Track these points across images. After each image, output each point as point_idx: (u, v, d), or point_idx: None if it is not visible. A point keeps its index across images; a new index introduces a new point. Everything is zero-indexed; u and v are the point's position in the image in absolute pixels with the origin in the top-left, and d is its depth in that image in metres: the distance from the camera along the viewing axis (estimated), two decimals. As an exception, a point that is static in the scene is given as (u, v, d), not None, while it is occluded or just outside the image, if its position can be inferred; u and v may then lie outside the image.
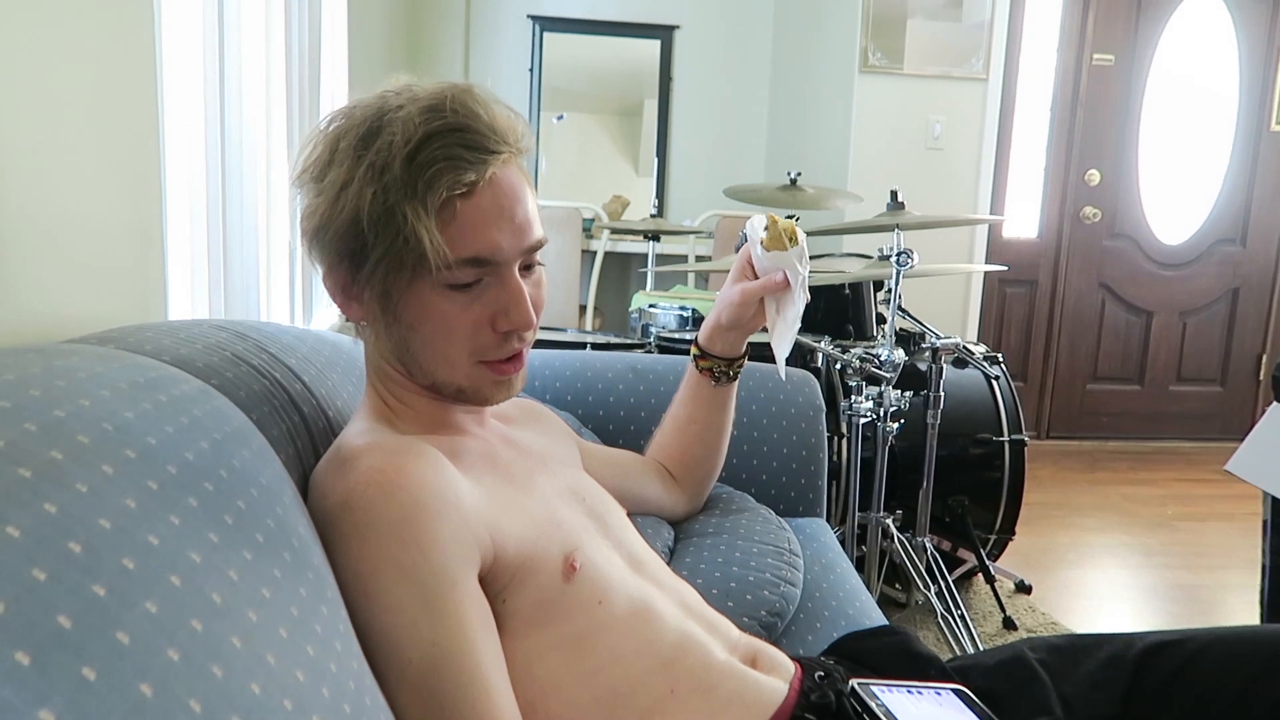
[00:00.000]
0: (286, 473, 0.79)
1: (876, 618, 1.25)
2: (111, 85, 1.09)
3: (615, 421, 1.50)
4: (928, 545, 2.16)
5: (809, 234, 2.79)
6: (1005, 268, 2.82)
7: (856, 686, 0.89)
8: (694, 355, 1.23)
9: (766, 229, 1.11)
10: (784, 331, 1.11)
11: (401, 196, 0.81)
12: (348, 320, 0.91)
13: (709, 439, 1.27)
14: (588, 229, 3.89)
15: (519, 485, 0.92)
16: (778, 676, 0.93)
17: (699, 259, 3.92)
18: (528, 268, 0.90)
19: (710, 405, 1.24)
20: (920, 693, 0.91)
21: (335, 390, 1.05)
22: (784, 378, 1.24)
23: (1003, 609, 2.29)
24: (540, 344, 2.13)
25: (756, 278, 1.14)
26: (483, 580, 0.81)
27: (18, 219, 0.91)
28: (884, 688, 0.89)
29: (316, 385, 1.01)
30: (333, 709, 0.57)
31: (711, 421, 1.26)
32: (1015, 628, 2.26)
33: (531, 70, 4.33)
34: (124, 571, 0.48)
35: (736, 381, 1.25)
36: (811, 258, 2.52)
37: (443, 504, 0.79)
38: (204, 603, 0.51)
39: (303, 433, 0.92)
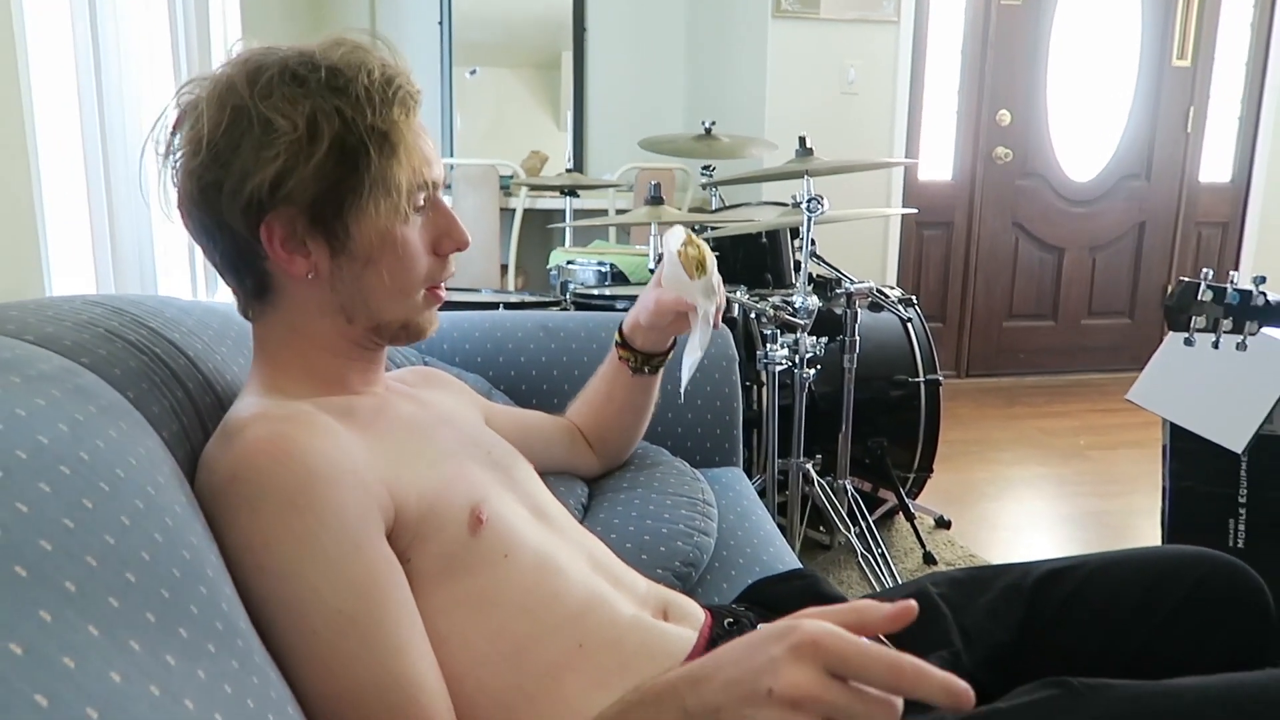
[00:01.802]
0: (166, 451, 0.76)
1: (790, 561, 1.27)
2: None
3: (527, 381, 1.49)
4: (849, 487, 2.20)
5: (723, 184, 2.79)
6: (915, 210, 2.85)
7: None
8: (616, 341, 1.22)
9: (684, 245, 1.10)
10: (690, 356, 1.11)
11: (376, 117, 0.82)
12: (289, 278, 0.86)
13: (626, 419, 1.27)
14: (506, 186, 3.83)
15: (420, 439, 0.91)
16: (687, 626, 0.93)
17: (619, 213, 3.89)
18: None
19: (630, 389, 1.23)
20: (825, 633, 0.92)
21: (225, 364, 1.01)
22: (681, 399, 1.30)
23: (923, 545, 2.36)
24: (453, 305, 2.09)
25: None
26: (388, 540, 0.80)
27: None
28: (790, 630, 0.91)
29: (203, 359, 0.97)
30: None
31: (630, 403, 1.25)
32: (935, 562, 2.33)
33: (441, 23, 4.21)
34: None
35: (659, 374, 1.24)
36: (729, 207, 2.52)
37: (336, 469, 0.77)
38: (55, 592, 0.49)
39: (188, 409, 0.89)
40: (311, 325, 0.90)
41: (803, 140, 2.04)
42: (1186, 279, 1.36)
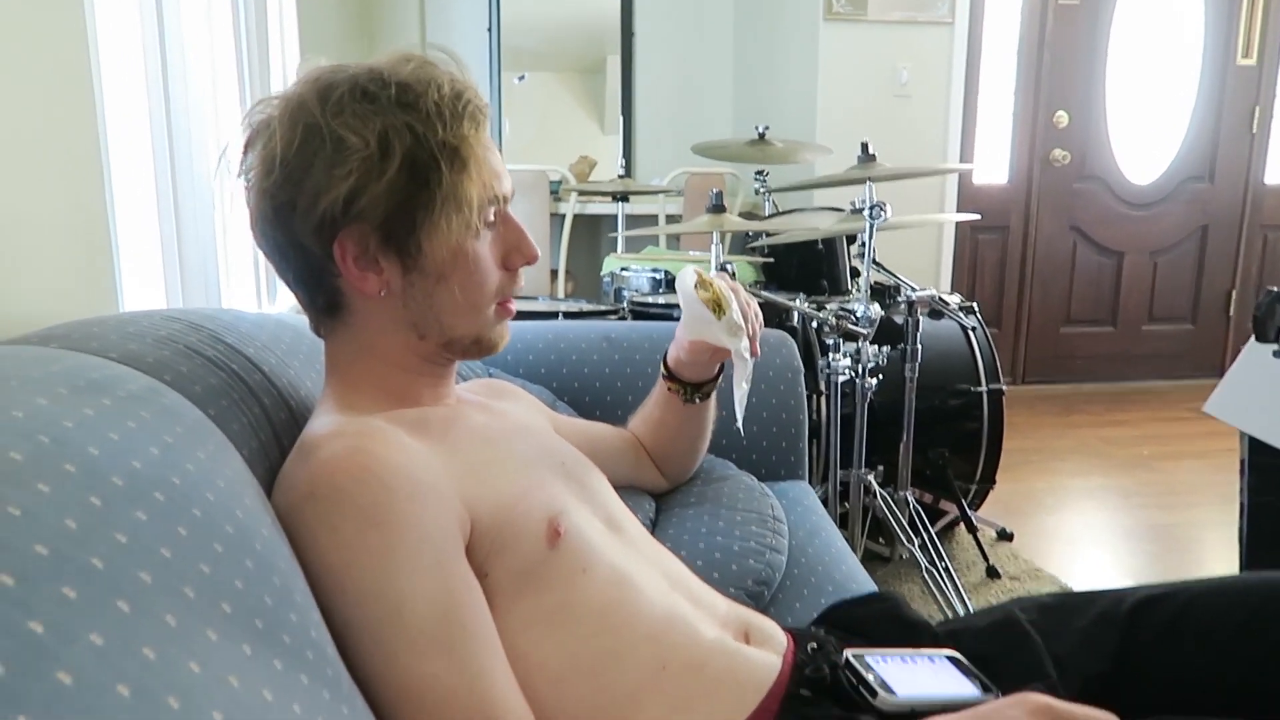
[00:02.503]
0: (248, 470, 0.75)
1: (863, 580, 1.24)
2: (45, 68, 1.03)
3: (591, 393, 1.47)
4: (910, 499, 2.15)
5: (781, 190, 2.75)
6: (978, 217, 2.79)
7: (851, 658, 0.87)
8: (662, 374, 1.18)
9: (697, 286, 1.07)
10: (738, 390, 1.07)
11: (447, 132, 0.82)
12: (361, 295, 0.86)
13: (683, 444, 1.25)
14: (555, 191, 3.82)
15: (495, 448, 0.90)
16: (770, 650, 0.91)
17: (669, 218, 3.87)
18: None
19: (683, 416, 1.20)
20: (914, 660, 0.89)
21: (298, 379, 1.01)
22: (742, 434, 1.26)
23: (986, 558, 2.30)
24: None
25: None
26: (466, 555, 0.78)
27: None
28: (878, 657, 0.88)
29: (278, 375, 0.97)
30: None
31: (685, 430, 1.23)
32: (998, 576, 2.27)
33: (490, 30, 4.22)
34: (64, 603, 0.44)
35: (712, 398, 1.20)
36: (783, 212, 2.47)
37: (414, 484, 0.76)
38: (157, 626, 0.48)
39: (264, 425, 0.88)
40: (383, 341, 0.89)
41: (864, 146, 2.00)
42: (1277, 289, 1.30)
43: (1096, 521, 2.78)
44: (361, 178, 0.80)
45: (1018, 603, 1.02)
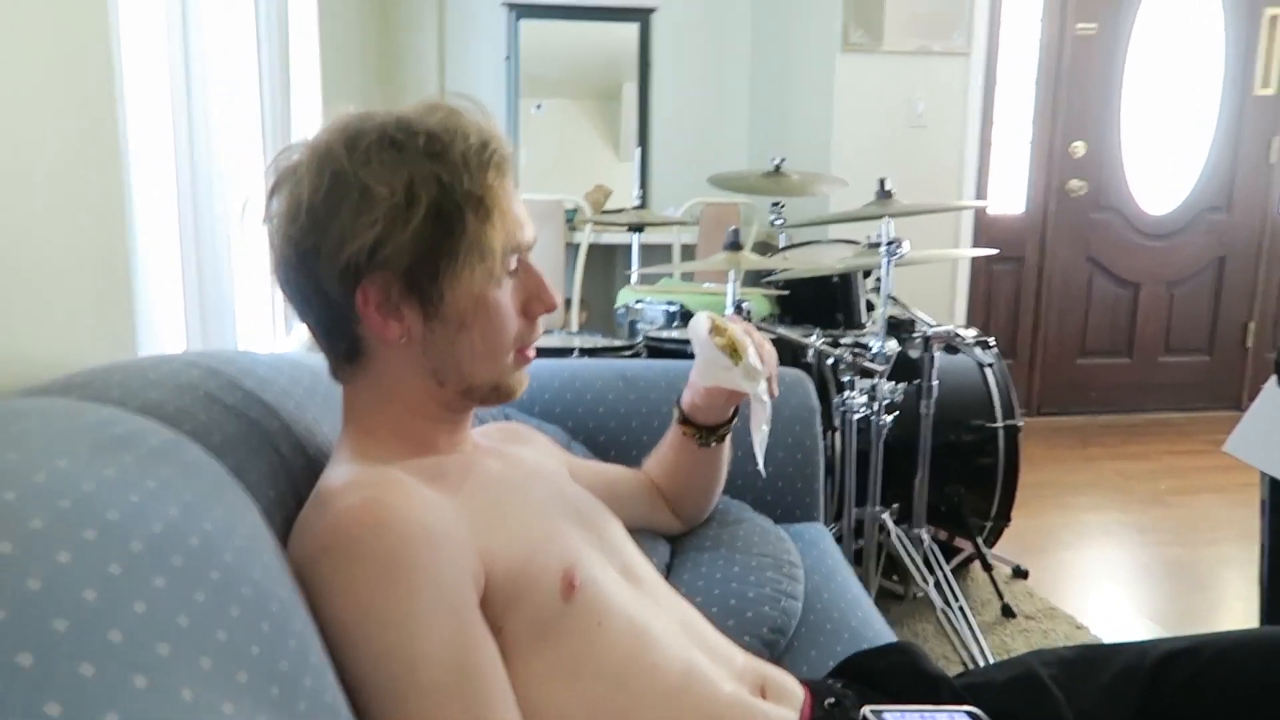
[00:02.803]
0: (265, 524, 0.75)
1: (880, 628, 1.23)
2: (71, 111, 1.04)
3: (606, 433, 1.47)
4: (925, 537, 2.14)
5: (796, 226, 2.76)
6: (995, 251, 2.79)
7: (869, 715, 0.86)
8: (677, 419, 1.18)
9: (712, 331, 1.07)
10: (756, 434, 1.08)
11: (473, 182, 0.82)
12: (382, 342, 0.86)
13: (698, 486, 1.24)
14: (570, 221, 3.84)
15: (510, 498, 0.89)
16: (787, 706, 0.90)
17: (685, 248, 3.88)
18: None
19: (699, 460, 1.20)
20: (933, 716, 0.88)
21: (316, 423, 1.01)
22: (763, 476, 1.24)
23: (1001, 596, 2.28)
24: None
25: None
26: (481, 607, 0.78)
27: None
28: (897, 714, 0.87)
29: (295, 420, 0.97)
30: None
31: (700, 473, 1.23)
32: (1014, 615, 2.25)
33: (508, 59, 4.26)
34: (81, 682, 0.44)
35: (727, 440, 1.20)
36: (797, 245, 2.46)
37: (430, 534, 0.76)
38: (173, 702, 0.48)
39: (281, 473, 0.88)
40: (402, 388, 0.89)
41: (882, 183, 2.00)
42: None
43: (1113, 558, 2.75)
44: (387, 226, 0.80)
45: (1038, 655, 1.01)
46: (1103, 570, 2.65)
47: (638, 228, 3.02)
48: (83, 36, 1.07)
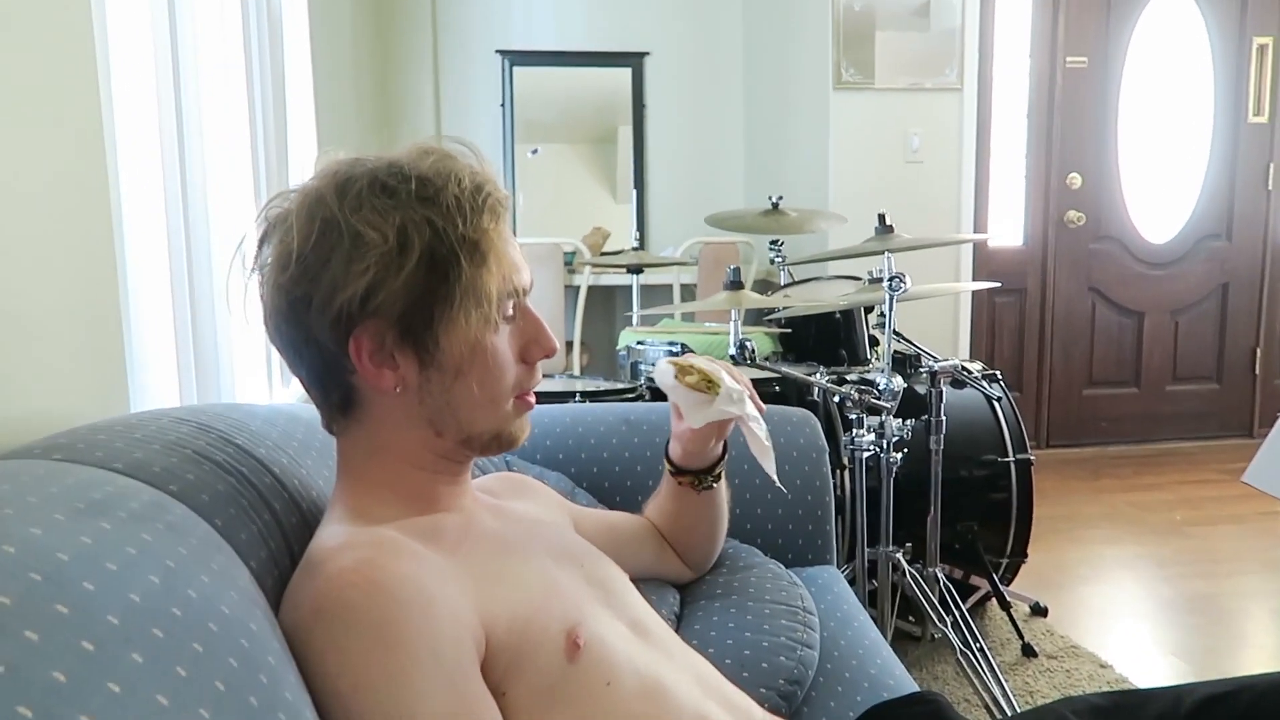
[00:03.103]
0: (256, 588, 0.72)
1: (900, 676, 1.18)
2: (60, 160, 1.02)
3: (610, 478, 1.43)
4: (939, 576, 2.09)
5: (796, 263, 2.74)
6: (997, 284, 2.77)
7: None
8: (669, 470, 1.15)
9: (678, 375, 1.06)
10: (762, 457, 1.06)
11: (467, 226, 0.80)
12: (377, 392, 0.83)
13: (702, 531, 1.21)
14: (569, 263, 3.83)
15: (510, 556, 0.86)
16: (806, 763, 0.86)
17: (684, 287, 3.87)
18: None
19: (697, 506, 1.17)
20: (961, 774, 0.84)
21: (310, 477, 0.98)
22: (782, 487, 1.20)
23: (1020, 635, 2.22)
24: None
25: None
26: (482, 672, 0.74)
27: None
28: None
29: (289, 475, 0.93)
30: None
31: (700, 519, 1.19)
32: (1035, 654, 2.19)
33: (503, 105, 4.29)
34: (46, 776, 0.40)
35: (722, 480, 1.17)
36: (798, 282, 2.42)
37: (426, 598, 0.72)
38: (150, 792, 0.44)
39: (275, 532, 0.85)
40: (398, 439, 0.86)
41: (882, 218, 1.99)
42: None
43: (1133, 593, 2.69)
44: (379, 273, 0.78)
45: (1069, 703, 0.97)
46: (1124, 605, 2.59)
47: (637, 269, 3.01)
48: (72, 88, 1.06)
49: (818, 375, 1.99)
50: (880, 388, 1.90)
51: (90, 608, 0.51)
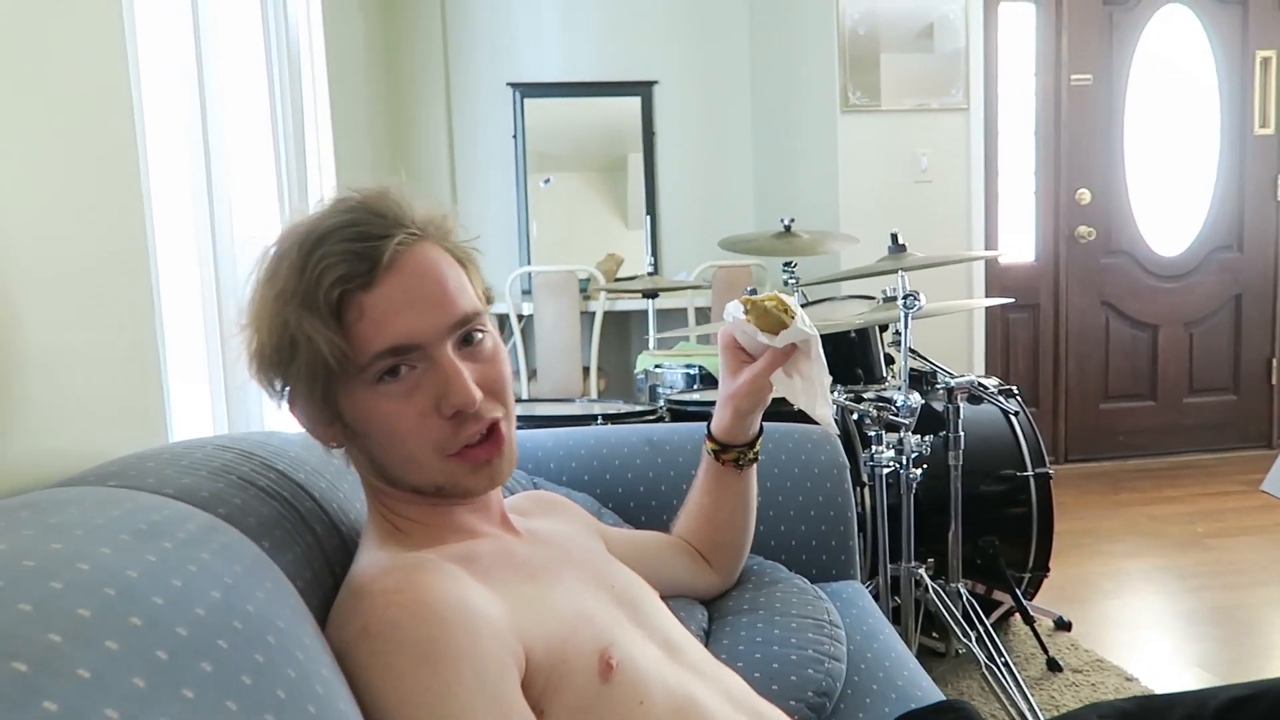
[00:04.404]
0: (304, 604, 0.74)
1: (927, 686, 1.20)
2: (99, 207, 1.07)
3: (635, 498, 1.46)
4: (962, 591, 2.09)
5: (810, 284, 2.77)
6: (1011, 300, 2.79)
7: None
8: (711, 450, 1.17)
9: (747, 311, 1.05)
10: (818, 393, 1.05)
11: (297, 308, 0.79)
12: (327, 446, 0.87)
13: (737, 522, 1.23)
14: (584, 290, 3.87)
15: (542, 581, 0.88)
16: (839, 772, 0.87)
17: (699, 311, 3.90)
18: (466, 342, 0.85)
19: (736, 490, 1.20)
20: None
21: (348, 501, 1.01)
22: (835, 430, 1.19)
23: (1045, 650, 2.22)
24: (550, 420, 2.09)
25: (754, 359, 1.09)
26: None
27: (5, 356, 0.87)
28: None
29: (328, 499, 0.97)
30: None
31: (739, 504, 1.21)
32: (1060, 669, 2.19)
33: (515, 137, 4.35)
34: (136, 772, 0.43)
35: (754, 471, 1.20)
36: (812, 303, 2.47)
37: (469, 616, 0.74)
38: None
39: (317, 554, 0.88)
40: (374, 483, 0.90)
41: (894, 237, 2.02)
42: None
43: (1157, 606, 2.68)
44: (283, 367, 0.82)
45: (1095, 709, 0.98)
46: (1147, 619, 2.59)
47: (651, 294, 3.04)
48: (110, 142, 1.10)
49: (835, 393, 2.01)
50: (898, 404, 1.92)
51: (161, 620, 0.54)
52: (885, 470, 1.91)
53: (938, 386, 2.14)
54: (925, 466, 1.97)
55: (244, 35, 1.80)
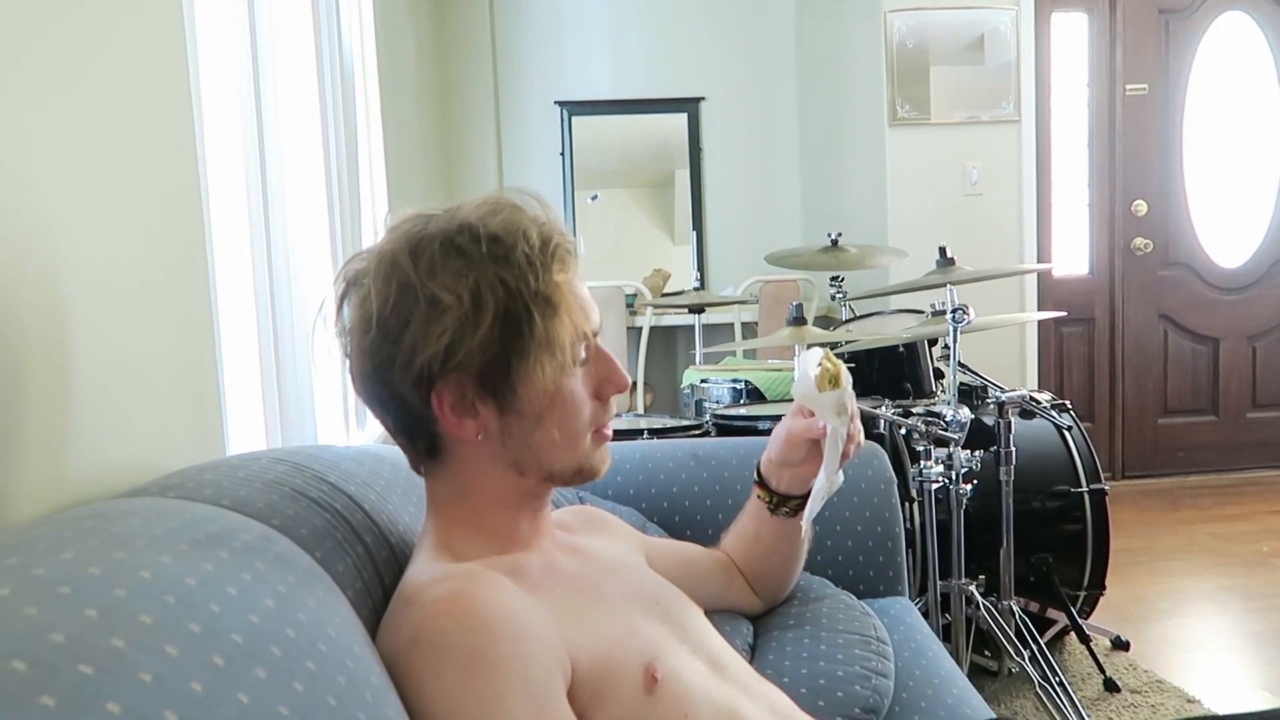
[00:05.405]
0: (354, 614, 0.76)
1: (977, 705, 1.18)
2: (158, 223, 1.10)
3: (681, 512, 1.46)
4: (1015, 609, 2.06)
5: (857, 299, 2.75)
6: (1064, 314, 2.74)
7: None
8: (755, 480, 1.17)
9: (820, 364, 1.05)
10: (817, 483, 1.05)
11: (539, 282, 0.83)
12: (460, 440, 0.87)
13: (775, 561, 1.21)
14: (631, 305, 3.89)
15: (589, 595, 0.88)
16: (886, 789, 0.86)
17: (745, 326, 3.89)
18: None
19: (774, 529, 1.17)
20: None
21: (396, 514, 1.03)
22: (803, 532, 1.19)
23: (1102, 670, 2.17)
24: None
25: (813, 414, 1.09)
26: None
27: (73, 371, 0.90)
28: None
29: (377, 512, 0.98)
30: None
31: (776, 546, 1.19)
32: (1118, 689, 2.13)
33: (563, 154, 4.39)
34: (193, 773, 0.44)
35: (800, 516, 1.15)
36: (860, 317, 2.45)
37: (517, 626, 0.75)
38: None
39: (367, 564, 0.89)
40: (483, 480, 0.89)
41: (943, 250, 2.00)
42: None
43: (1220, 627, 2.60)
44: (457, 333, 0.81)
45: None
46: (1210, 639, 2.52)
47: (698, 309, 3.05)
48: (170, 150, 1.14)
49: (883, 408, 2.00)
50: (947, 419, 1.90)
51: (217, 627, 0.56)
52: (934, 485, 1.89)
53: (988, 401, 2.12)
54: (975, 482, 1.94)
55: (298, 50, 1.85)
